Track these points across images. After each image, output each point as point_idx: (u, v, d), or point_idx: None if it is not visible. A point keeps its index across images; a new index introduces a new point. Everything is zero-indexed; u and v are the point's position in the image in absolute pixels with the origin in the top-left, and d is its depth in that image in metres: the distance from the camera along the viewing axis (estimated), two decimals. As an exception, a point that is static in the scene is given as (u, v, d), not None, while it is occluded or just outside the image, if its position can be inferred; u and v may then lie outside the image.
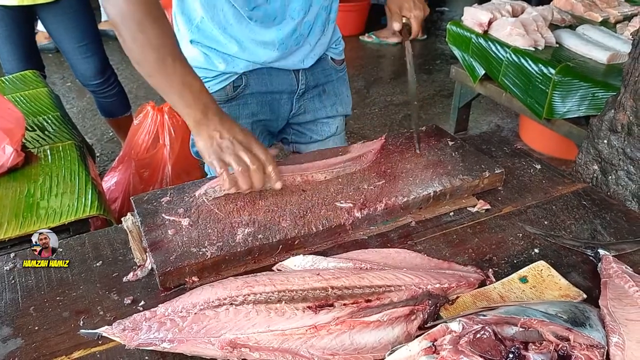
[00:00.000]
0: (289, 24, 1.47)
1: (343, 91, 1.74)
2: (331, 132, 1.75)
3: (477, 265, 1.10)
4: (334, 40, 1.68)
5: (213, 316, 0.91)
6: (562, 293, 1.01)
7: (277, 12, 1.44)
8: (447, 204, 1.30)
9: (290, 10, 1.45)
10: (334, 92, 1.71)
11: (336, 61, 1.70)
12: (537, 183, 1.40)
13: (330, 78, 1.69)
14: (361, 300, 0.93)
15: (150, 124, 2.71)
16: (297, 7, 1.45)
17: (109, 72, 3.05)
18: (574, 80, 2.53)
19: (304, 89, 1.63)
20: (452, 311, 0.97)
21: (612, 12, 3.22)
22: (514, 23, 2.87)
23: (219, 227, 1.14)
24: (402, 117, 4.17)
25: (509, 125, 4.01)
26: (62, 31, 2.84)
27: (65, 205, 1.76)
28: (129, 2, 1.15)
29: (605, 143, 1.51)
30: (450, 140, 1.46)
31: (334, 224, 1.17)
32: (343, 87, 1.74)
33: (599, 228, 1.23)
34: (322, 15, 1.54)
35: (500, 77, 2.89)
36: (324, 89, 1.69)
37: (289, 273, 1.01)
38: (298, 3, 1.45)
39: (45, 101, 2.50)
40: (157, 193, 1.25)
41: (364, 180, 1.30)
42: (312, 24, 1.53)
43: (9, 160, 1.85)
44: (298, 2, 1.45)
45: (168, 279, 1.04)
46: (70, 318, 1.00)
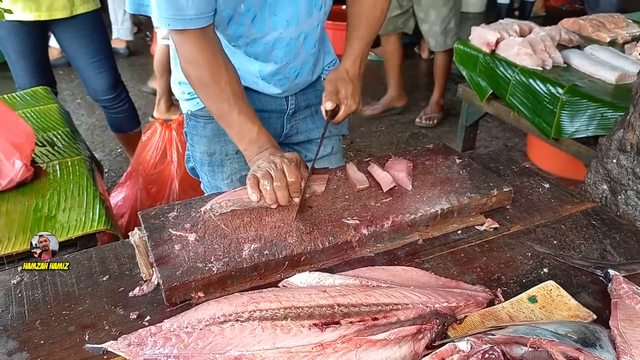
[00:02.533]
0: (271, 66, 1.48)
1: None
2: (326, 152, 1.74)
3: (486, 284, 1.09)
4: (327, 63, 1.68)
5: (218, 332, 0.90)
6: (571, 313, 1.00)
7: (257, 55, 1.45)
8: (455, 222, 1.29)
9: (274, 56, 1.46)
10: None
11: None
12: (546, 202, 1.39)
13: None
14: (368, 318, 0.92)
15: (159, 141, 2.73)
16: (281, 55, 1.46)
17: (120, 88, 3.08)
18: (582, 100, 2.53)
19: (293, 109, 1.63)
20: (460, 330, 0.96)
21: (620, 33, 3.22)
22: (522, 43, 2.88)
23: (226, 243, 1.14)
24: (409, 136, 4.17)
25: (516, 144, 4.00)
26: (76, 46, 2.88)
27: (72, 220, 1.76)
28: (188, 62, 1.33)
29: (615, 163, 1.51)
30: (457, 158, 1.46)
31: (341, 240, 1.17)
32: None
33: (608, 248, 1.22)
34: (309, 61, 1.55)
35: (508, 97, 2.89)
36: (317, 110, 1.68)
37: (295, 289, 1.01)
38: (281, 51, 1.45)
39: (56, 117, 2.52)
40: (164, 208, 1.26)
41: (371, 197, 1.30)
42: (298, 69, 1.54)
43: (18, 175, 1.86)
44: (281, 50, 1.45)
45: (174, 294, 1.04)
46: (76, 332, 0.99)
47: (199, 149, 1.62)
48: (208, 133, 1.58)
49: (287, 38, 1.43)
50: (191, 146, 1.66)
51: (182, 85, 1.57)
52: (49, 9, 2.68)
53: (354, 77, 1.50)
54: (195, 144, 1.63)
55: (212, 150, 1.60)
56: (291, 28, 1.42)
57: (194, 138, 1.62)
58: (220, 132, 1.56)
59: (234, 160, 1.61)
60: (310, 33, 1.48)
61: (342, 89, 1.46)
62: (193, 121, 1.60)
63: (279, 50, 1.45)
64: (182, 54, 1.33)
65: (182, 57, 1.34)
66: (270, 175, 1.24)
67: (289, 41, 1.44)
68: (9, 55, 2.85)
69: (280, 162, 1.27)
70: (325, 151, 1.73)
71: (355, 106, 1.48)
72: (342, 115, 1.48)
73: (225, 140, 1.57)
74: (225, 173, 1.63)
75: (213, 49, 1.32)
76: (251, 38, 1.41)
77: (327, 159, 1.74)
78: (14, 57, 2.84)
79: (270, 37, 1.41)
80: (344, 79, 1.48)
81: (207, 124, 1.57)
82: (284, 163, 1.27)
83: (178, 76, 1.56)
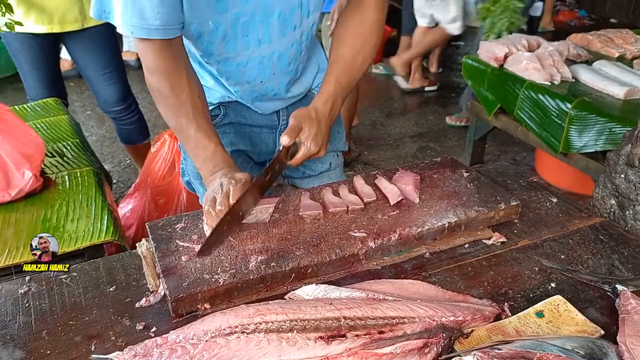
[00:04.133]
0: (244, 86, 1.46)
1: (333, 127, 1.65)
2: (324, 168, 1.71)
3: (493, 298, 1.08)
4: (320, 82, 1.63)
5: (224, 344, 0.90)
6: (579, 328, 0.99)
7: (230, 74, 1.42)
8: (462, 236, 1.29)
9: (246, 76, 1.43)
10: None
11: None
12: (554, 216, 1.38)
13: None
14: (374, 332, 0.92)
15: (167, 152, 2.75)
16: (253, 74, 1.42)
17: (130, 100, 3.10)
18: (590, 115, 2.52)
19: (285, 125, 1.59)
20: (467, 345, 0.95)
21: (629, 48, 3.22)
22: (530, 57, 2.88)
23: (232, 255, 1.14)
24: (417, 149, 4.17)
25: (525, 159, 3.99)
26: (87, 58, 2.91)
27: (80, 231, 1.77)
28: (150, 72, 1.28)
29: (623, 178, 1.50)
30: (465, 172, 1.46)
31: (348, 253, 1.17)
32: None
33: (616, 263, 1.21)
34: (285, 79, 1.49)
35: (516, 111, 2.89)
36: None
37: (302, 302, 1.01)
38: (253, 71, 1.41)
39: (66, 128, 2.55)
40: (172, 219, 1.26)
41: (378, 210, 1.30)
42: (275, 87, 1.49)
43: (27, 185, 1.88)
44: (253, 70, 1.41)
45: (180, 306, 1.04)
46: (82, 343, 1.00)
47: (192, 162, 1.58)
48: None
49: (259, 57, 1.39)
50: (184, 160, 1.64)
51: None
52: (61, 21, 2.71)
53: (323, 118, 1.36)
54: (188, 157, 1.59)
55: None
56: (263, 47, 1.37)
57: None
58: None
59: None
60: (284, 52, 1.42)
61: (305, 128, 1.32)
62: None
63: (252, 70, 1.41)
64: (145, 63, 1.27)
65: (144, 66, 1.28)
66: (215, 199, 1.19)
67: (261, 60, 1.40)
68: (21, 66, 2.89)
69: (228, 183, 1.22)
70: (324, 167, 1.71)
71: (315, 150, 1.33)
72: (300, 158, 1.33)
73: None
74: None
75: (177, 61, 1.28)
76: (223, 57, 1.37)
77: (327, 175, 1.72)
78: (27, 68, 2.87)
79: (242, 57, 1.37)
80: (310, 117, 1.34)
81: None
82: (231, 184, 1.21)
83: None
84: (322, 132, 1.35)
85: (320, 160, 1.69)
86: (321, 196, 1.35)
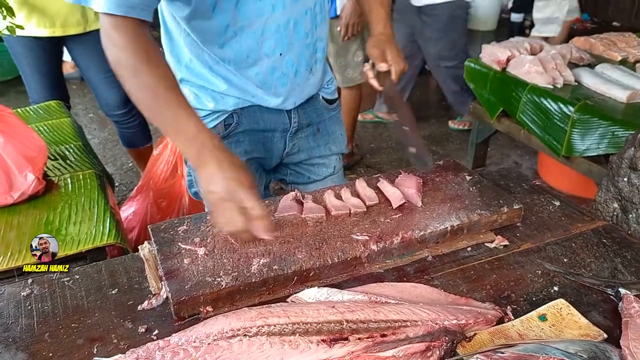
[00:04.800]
0: (264, 61, 1.45)
1: (336, 130, 1.73)
2: (329, 172, 1.74)
3: (495, 302, 1.08)
4: (327, 81, 1.68)
5: (226, 347, 0.90)
6: (582, 332, 0.99)
7: (249, 50, 1.41)
8: (465, 239, 1.29)
9: (265, 48, 1.43)
10: (326, 131, 1.70)
11: (328, 100, 1.69)
12: (556, 220, 1.38)
13: (322, 117, 1.68)
14: (376, 335, 0.92)
15: (169, 155, 2.75)
16: (271, 45, 1.43)
17: (132, 103, 3.09)
18: (593, 119, 2.52)
19: (296, 127, 1.61)
20: (469, 348, 0.95)
21: (632, 52, 3.22)
22: (532, 61, 2.88)
23: (235, 257, 1.14)
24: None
25: (527, 162, 3.99)
26: (89, 62, 2.91)
27: (83, 233, 1.77)
28: (122, 49, 1.19)
29: (626, 181, 1.50)
30: (467, 175, 1.46)
31: (350, 256, 1.17)
32: (336, 126, 1.73)
33: (619, 267, 1.21)
34: (304, 53, 1.51)
35: (519, 114, 2.88)
36: (318, 128, 1.68)
37: (304, 305, 1.00)
38: (271, 40, 1.42)
39: (68, 131, 2.55)
40: (174, 222, 1.26)
41: (381, 213, 1.30)
42: (295, 63, 1.50)
43: (30, 188, 1.88)
44: (271, 40, 1.42)
45: (182, 308, 1.04)
46: (85, 345, 1.00)
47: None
48: None
49: (275, 24, 1.40)
50: (193, 171, 1.58)
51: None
52: (63, 25, 2.72)
53: (391, 38, 1.52)
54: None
55: None
56: (277, 13, 1.39)
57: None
58: None
59: None
60: (300, 20, 1.44)
61: (387, 51, 1.47)
62: None
63: (269, 40, 1.42)
64: (116, 40, 1.19)
65: (115, 43, 1.20)
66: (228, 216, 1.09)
67: (277, 28, 1.41)
68: (23, 69, 2.89)
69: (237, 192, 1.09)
70: (328, 171, 1.73)
71: (403, 64, 1.48)
72: (396, 77, 1.47)
73: None
74: None
75: (148, 40, 1.21)
76: (238, 26, 1.37)
77: (330, 179, 1.74)
78: (29, 71, 2.88)
79: (257, 24, 1.38)
80: (385, 41, 1.50)
81: None
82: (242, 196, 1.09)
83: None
84: (398, 49, 1.49)
85: (325, 164, 1.72)
86: (323, 199, 1.35)
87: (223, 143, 1.19)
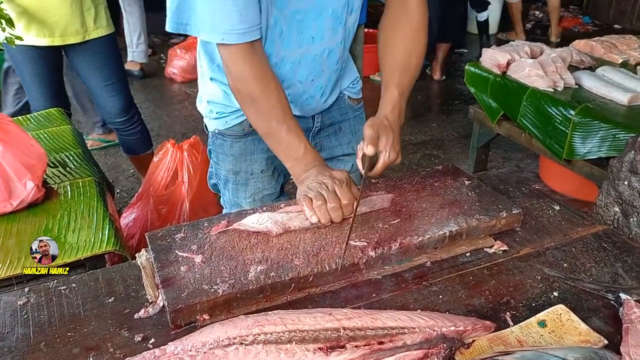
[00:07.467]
0: (296, 87, 1.50)
1: (360, 129, 1.73)
2: (347, 170, 1.73)
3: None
4: (352, 80, 1.70)
5: (222, 356, 0.89)
6: (582, 338, 0.98)
7: (284, 77, 1.46)
8: (464, 244, 1.28)
9: (299, 76, 1.48)
10: (350, 130, 1.72)
11: (353, 100, 1.71)
12: (556, 224, 1.37)
13: (347, 116, 1.70)
14: (374, 342, 0.91)
15: (170, 161, 2.75)
16: (306, 73, 1.48)
17: (133, 111, 3.12)
18: (594, 122, 2.51)
19: (319, 127, 1.65)
20: (468, 355, 0.94)
21: (633, 54, 3.21)
22: (533, 64, 2.88)
23: (232, 265, 1.13)
24: (420, 157, 4.17)
25: (529, 166, 3.98)
26: (89, 70, 2.92)
27: (82, 241, 1.77)
28: (239, 79, 1.33)
29: (626, 185, 1.49)
30: (466, 180, 1.45)
31: (348, 262, 1.16)
32: (360, 125, 1.73)
33: (620, 271, 1.20)
34: (332, 78, 1.56)
35: (519, 118, 2.88)
36: (340, 127, 1.70)
37: (301, 312, 1.00)
38: (305, 69, 1.47)
39: (68, 138, 2.55)
40: (171, 229, 1.26)
41: (379, 219, 1.29)
42: (324, 87, 1.55)
43: (29, 196, 1.88)
44: (306, 68, 1.47)
45: (179, 317, 1.03)
46: (80, 354, 0.99)
47: (224, 167, 1.64)
48: (235, 152, 1.60)
49: (312, 55, 1.45)
50: (215, 164, 1.68)
51: (211, 104, 1.58)
52: (63, 34, 2.73)
53: (394, 125, 1.39)
54: (220, 162, 1.65)
55: (238, 169, 1.62)
56: (316, 44, 1.43)
57: (219, 156, 1.64)
58: (247, 151, 1.59)
59: (259, 180, 1.64)
60: (334, 49, 1.49)
61: (382, 136, 1.33)
62: (220, 140, 1.61)
63: (304, 68, 1.47)
64: (233, 70, 1.33)
65: (232, 73, 1.33)
66: (323, 197, 1.24)
67: (314, 57, 1.46)
68: (24, 78, 2.91)
69: (332, 183, 1.27)
70: (346, 169, 1.72)
71: (394, 157, 1.35)
72: (381, 168, 1.33)
73: (251, 159, 1.60)
74: (248, 192, 1.65)
75: (262, 65, 1.33)
76: (280, 56, 1.42)
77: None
78: (29, 80, 2.89)
79: (296, 54, 1.43)
80: (384, 125, 1.35)
81: (235, 143, 1.59)
82: (335, 184, 1.27)
83: (205, 94, 1.59)
84: (397, 138, 1.38)
85: (344, 161, 1.75)
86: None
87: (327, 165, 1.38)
